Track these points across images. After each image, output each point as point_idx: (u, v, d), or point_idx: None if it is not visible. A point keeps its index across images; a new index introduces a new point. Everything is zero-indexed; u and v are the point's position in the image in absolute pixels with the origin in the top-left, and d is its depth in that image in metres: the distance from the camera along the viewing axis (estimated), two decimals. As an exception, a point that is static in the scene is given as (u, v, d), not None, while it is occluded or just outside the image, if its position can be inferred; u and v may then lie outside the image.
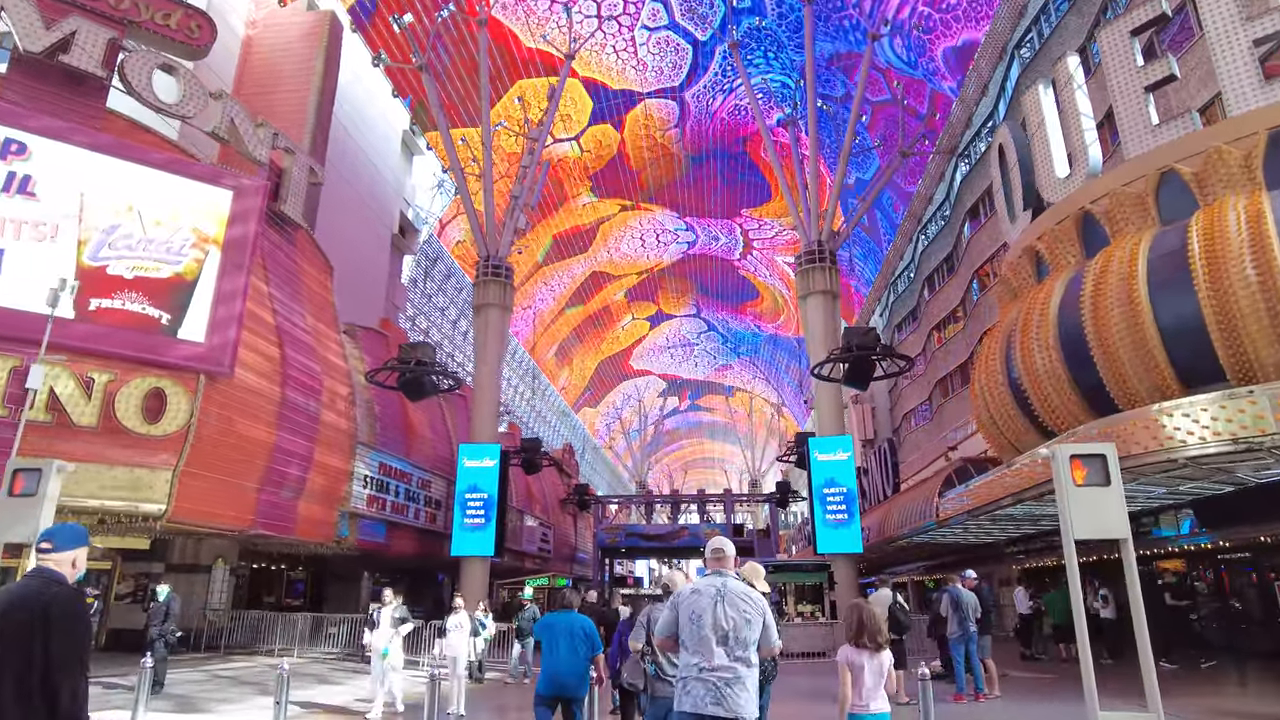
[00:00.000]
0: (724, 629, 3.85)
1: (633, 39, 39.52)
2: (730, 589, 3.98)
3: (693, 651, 3.91)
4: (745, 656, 3.87)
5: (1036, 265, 14.80)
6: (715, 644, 3.84)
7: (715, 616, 3.87)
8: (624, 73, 42.72)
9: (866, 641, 4.60)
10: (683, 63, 41.56)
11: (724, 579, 4.06)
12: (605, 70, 41.69)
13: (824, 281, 25.21)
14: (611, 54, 40.75)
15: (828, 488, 23.44)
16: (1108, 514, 6.32)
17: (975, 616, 10.16)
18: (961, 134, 28.00)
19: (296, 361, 17.74)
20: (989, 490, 14.73)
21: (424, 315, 36.24)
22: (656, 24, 38.87)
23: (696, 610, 3.93)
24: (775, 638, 4.06)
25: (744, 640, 3.87)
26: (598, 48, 39.24)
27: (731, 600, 3.92)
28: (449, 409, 28.99)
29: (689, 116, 45.60)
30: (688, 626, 3.95)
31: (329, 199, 26.02)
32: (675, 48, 40.67)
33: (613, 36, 38.62)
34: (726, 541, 4.33)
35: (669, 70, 42.43)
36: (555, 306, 57.37)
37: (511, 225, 27.60)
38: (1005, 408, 14.57)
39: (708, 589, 4.01)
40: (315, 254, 20.73)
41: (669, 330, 73.23)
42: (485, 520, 23.95)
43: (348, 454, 19.70)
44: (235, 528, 15.61)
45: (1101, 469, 6.42)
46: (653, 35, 39.55)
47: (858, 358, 18.50)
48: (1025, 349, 13.48)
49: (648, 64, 42.00)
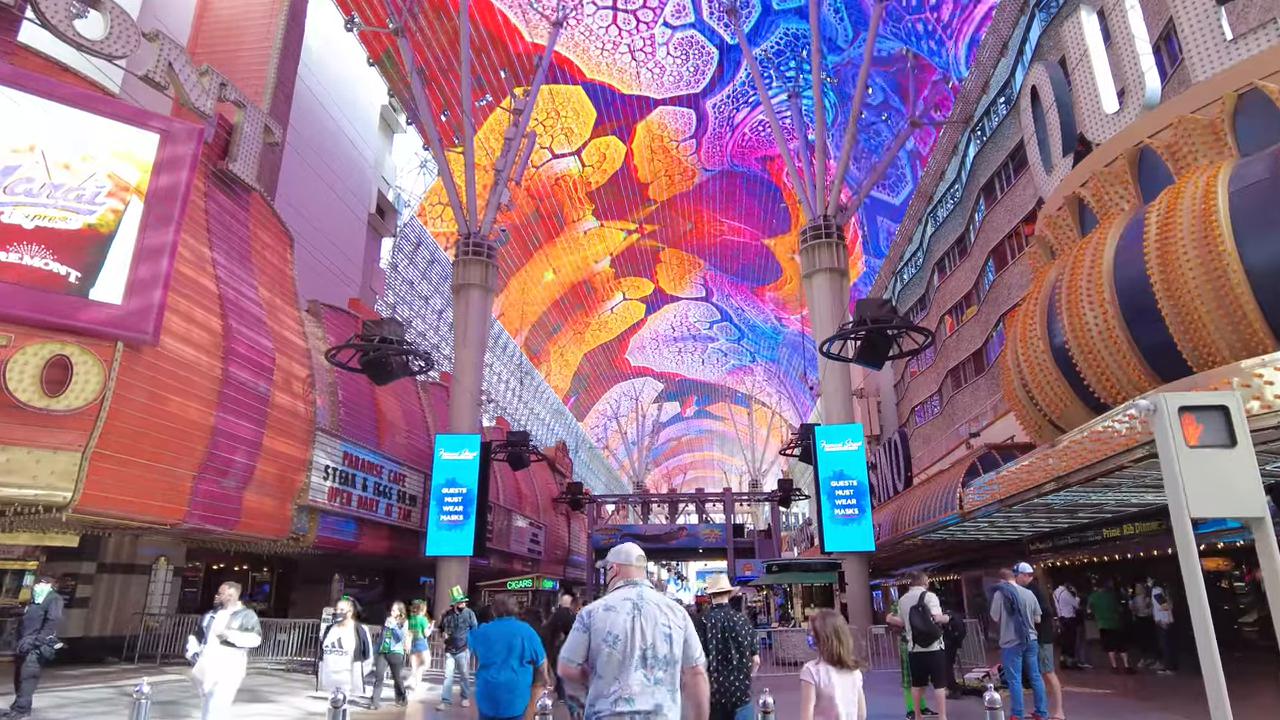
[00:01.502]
0: (642, 647, 3.31)
1: (651, 37, 36.35)
2: (646, 599, 3.44)
3: (609, 680, 3.29)
4: (667, 679, 3.31)
5: (1080, 216, 12.91)
6: (634, 668, 3.27)
7: (633, 635, 3.32)
8: (638, 76, 39.60)
9: (843, 655, 3.98)
10: (706, 67, 38.36)
11: (639, 589, 3.51)
12: (617, 72, 38.60)
13: (830, 258, 23.36)
14: (625, 54, 37.64)
15: (836, 481, 21.59)
16: (1234, 484, 4.38)
17: (1035, 620, 8.25)
18: (977, 101, 26.10)
19: (243, 336, 15.82)
20: (1028, 475, 12.78)
21: (406, 304, 34.32)
22: (681, 21, 35.63)
23: (614, 630, 3.33)
24: (697, 651, 3.43)
25: (665, 659, 3.32)
26: (610, 46, 36.24)
27: (649, 613, 3.39)
28: (428, 399, 27.07)
29: (707, 128, 42.56)
30: (603, 650, 3.32)
31: (296, 170, 24.14)
32: (699, 50, 37.38)
33: (629, 34, 35.62)
34: (634, 548, 3.71)
35: (689, 75, 39.23)
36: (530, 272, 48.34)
37: (495, 201, 25.74)
38: (1047, 379, 12.65)
39: (622, 604, 3.44)
40: (272, 222, 18.82)
41: (672, 316, 63.26)
42: (464, 517, 22.07)
43: (305, 441, 17.77)
44: (165, 520, 13.66)
45: (1222, 426, 4.46)
46: (675, 34, 36.41)
47: (872, 332, 16.56)
48: (1073, 309, 11.57)
49: (666, 67, 38.83)
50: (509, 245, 39.54)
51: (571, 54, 36.62)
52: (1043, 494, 12.65)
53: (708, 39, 36.52)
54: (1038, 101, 14.65)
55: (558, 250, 47.16)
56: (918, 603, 8.20)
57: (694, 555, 51.38)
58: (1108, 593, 14.48)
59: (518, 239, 42.11)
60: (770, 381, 69.63)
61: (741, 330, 64.07)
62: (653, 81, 39.37)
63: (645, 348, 68.19)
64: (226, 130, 17.03)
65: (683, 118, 42.08)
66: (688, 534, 46.23)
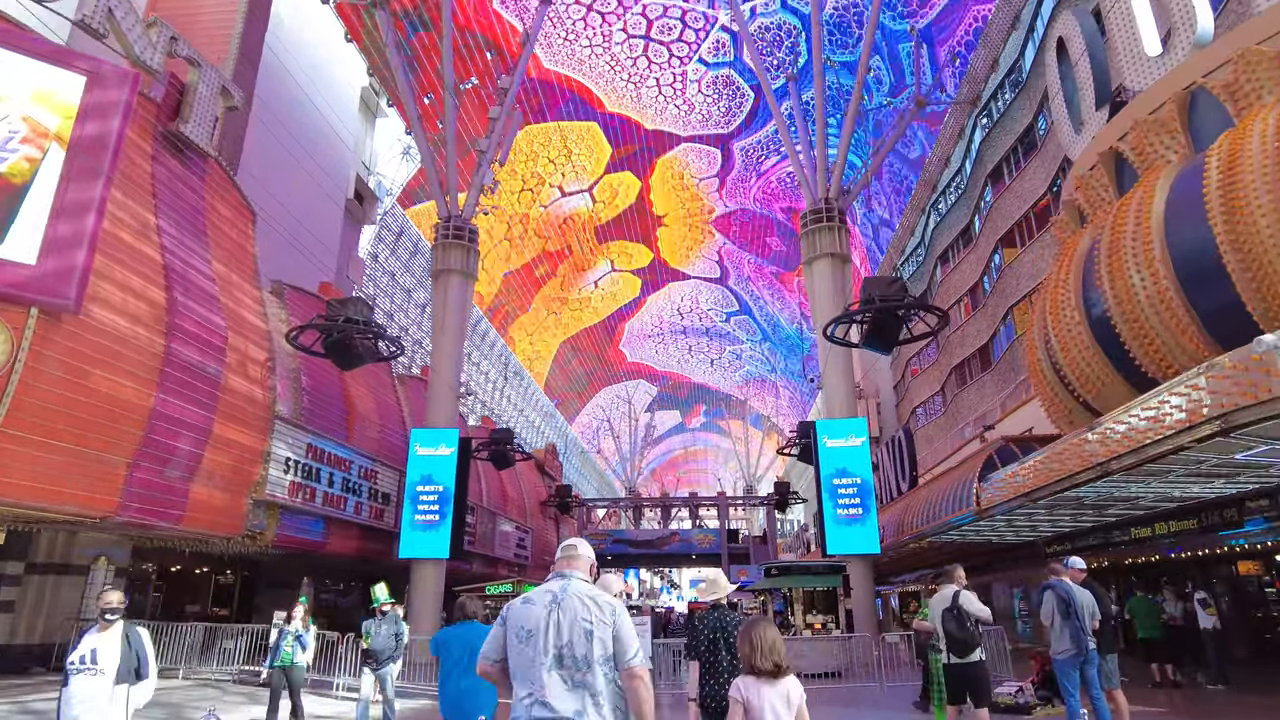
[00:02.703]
0: (558, 645, 2.89)
1: (684, 73, 34.25)
2: (570, 591, 3.01)
3: (522, 680, 2.91)
4: (587, 681, 2.85)
5: (1117, 173, 11.56)
6: (547, 668, 2.86)
7: (548, 629, 2.91)
8: (663, 111, 37.34)
9: (757, 664, 3.46)
10: (739, 109, 36.09)
11: (566, 580, 3.09)
12: (641, 106, 36.53)
13: (832, 243, 21.97)
14: (653, 88, 35.53)
15: (838, 478, 20.13)
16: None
17: (1093, 625, 6.84)
18: (985, 80, 24.85)
19: (191, 311, 14.35)
20: (1060, 464, 11.38)
21: (387, 296, 32.87)
22: (718, 59, 33.54)
23: (527, 624, 2.95)
24: (634, 653, 2.91)
25: (583, 658, 2.87)
26: (637, 79, 34.45)
27: (569, 605, 2.95)
28: (405, 392, 25.60)
29: (731, 168, 40.21)
30: (515, 647, 2.95)
31: (265, 145, 22.73)
32: (734, 91, 35.17)
33: (659, 67, 33.60)
34: (580, 540, 3.32)
35: (719, 116, 36.96)
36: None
37: (478, 182, 24.33)
38: (1082, 355, 11.28)
39: (542, 595, 3.04)
40: (231, 193, 17.37)
41: (679, 299, 52.44)
42: (440, 517, 20.55)
43: (263, 430, 16.28)
44: (92, 513, 12.16)
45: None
46: (710, 72, 34.40)
47: (881, 312, 15.19)
48: (1115, 274, 10.21)
49: (695, 105, 36.55)
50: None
51: (594, 85, 34.89)
52: (1077, 484, 11.26)
53: (745, 80, 34.58)
54: (1064, 55, 13.34)
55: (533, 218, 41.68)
56: (951, 604, 6.77)
57: (687, 561, 49.85)
58: (1148, 600, 13.07)
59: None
60: (794, 407, 60.53)
61: (763, 329, 53.92)
62: (679, 118, 37.39)
63: (644, 339, 58.36)
64: (178, 90, 15.60)
65: (707, 156, 39.99)
66: (681, 539, 44.78)
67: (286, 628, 9.03)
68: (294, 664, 8.96)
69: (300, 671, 9.11)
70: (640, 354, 60.52)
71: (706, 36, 32.34)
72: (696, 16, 31.29)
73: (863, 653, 15.37)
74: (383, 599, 9.17)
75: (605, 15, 31.19)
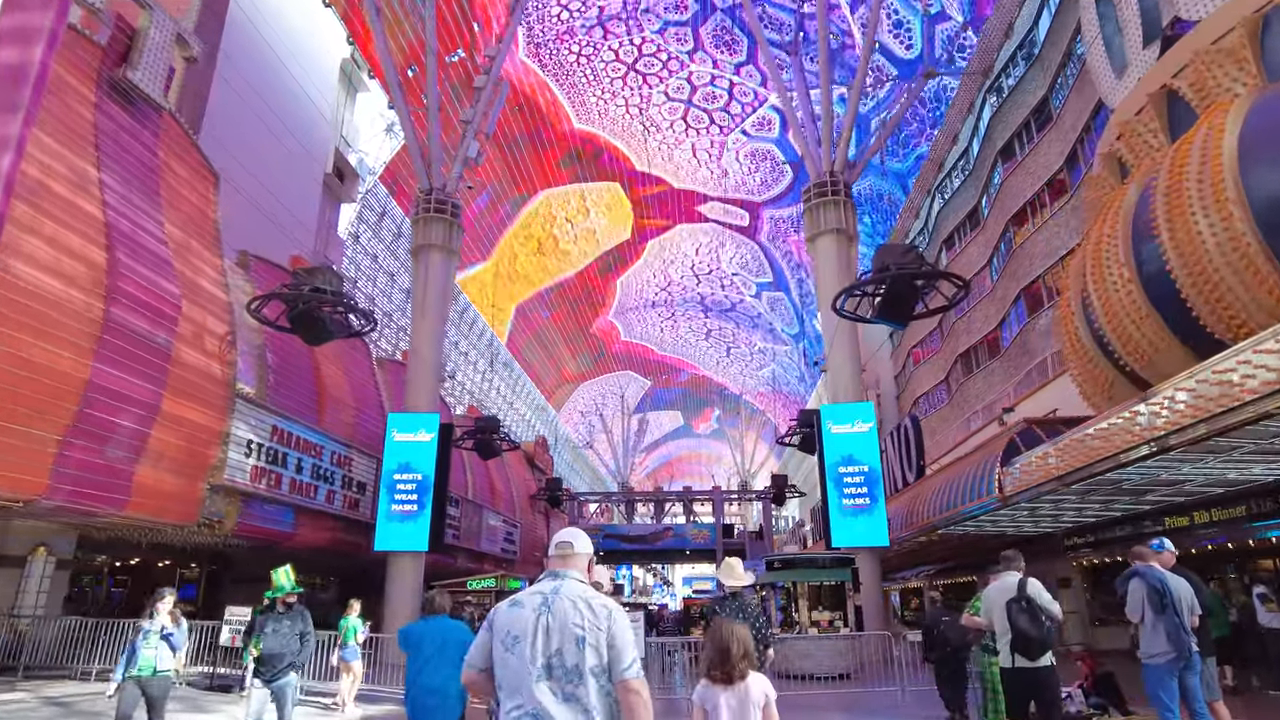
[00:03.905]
0: (547, 653, 2.60)
1: (723, 142, 32.90)
2: (563, 593, 2.69)
3: (509, 691, 2.63)
4: (579, 695, 2.56)
5: (1169, 115, 10.31)
6: (536, 678, 2.57)
7: (536, 636, 2.62)
8: (694, 174, 35.97)
9: (715, 670, 3.29)
10: (775, 183, 34.43)
11: (558, 581, 2.76)
12: (672, 166, 35.10)
13: (837, 218, 20.71)
14: (687, 151, 34.05)
15: (844, 467, 18.92)
16: None
17: (1192, 622, 5.58)
18: (998, 51, 23.62)
19: (136, 275, 12.97)
20: (1104, 442, 10.12)
21: (369, 279, 31.44)
22: (761, 134, 32.20)
23: (514, 630, 2.66)
24: (630, 664, 2.61)
25: (574, 669, 2.58)
26: (672, 142, 33.30)
27: (560, 610, 2.65)
28: (384, 377, 24.23)
29: (759, 229, 38.57)
30: (501, 655, 2.67)
31: (232, 109, 21.31)
32: (773, 165, 33.52)
33: (698, 132, 32.25)
34: (577, 533, 2.95)
35: (754, 184, 35.39)
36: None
37: (462, 154, 22.96)
38: (1131, 317, 10.03)
39: (531, 598, 2.73)
40: (190, 154, 15.98)
41: (691, 248, 41.64)
42: (418, 508, 19.25)
43: (222, 410, 14.90)
44: (16, 496, 10.79)
45: None
46: (750, 143, 33.00)
47: (896, 282, 13.87)
48: (1177, 219, 8.96)
49: (729, 172, 34.95)
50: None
51: (626, 146, 33.50)
52: (1122, 465, 10.02)
53: (786, 156, 33.17)
54: (1104, -7, 12.09)
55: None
56: (1018, 595, 5.49)
57: (681, 557, 48.66)
58: (1215, 594, 11.81)
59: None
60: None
61: (798, 313, 42.95)
62: (711, 181, 35.76)
63: (643, 310, 47.60)
64: (127, 35, 14.18)
65: (733, 214, 38.35)
66: (674, 535, 43.58)
67: (148, 625, 6.89)
68: (156, 673, 6.76)
69: (165, 681, 6.90)
70: (638, 330, 50.48)
71: (753, 112, 31.48)
72: (746, 91, 30.50)
73: (873, 653, 14.13)
74: (286, 588, 7.28)
75: (647, 77, 30.24)
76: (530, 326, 46.05)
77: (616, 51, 29.37)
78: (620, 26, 28.77)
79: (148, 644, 6.77)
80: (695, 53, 29.58)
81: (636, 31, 28.92)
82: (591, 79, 30.17)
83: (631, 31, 28.92)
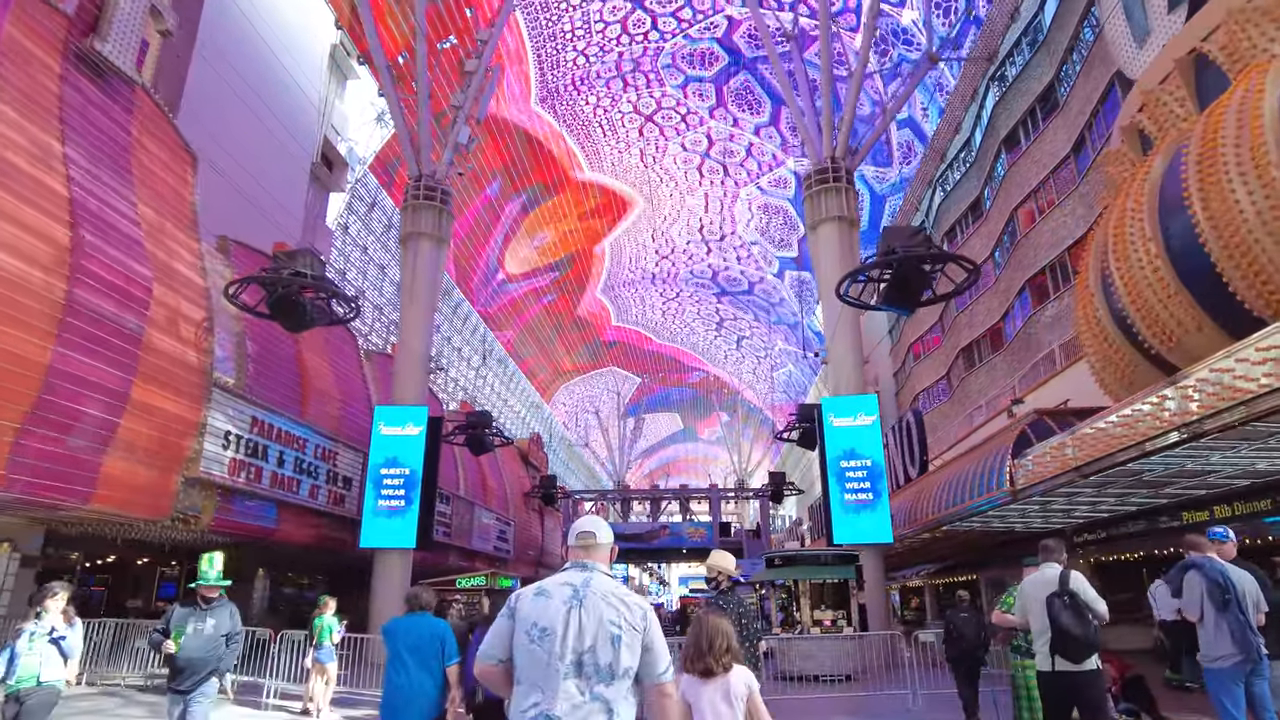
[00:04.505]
0: (578, 650, 2.45)
1: (736, 193, 32.57)
2: (594, 587, 2.57)
3: (528, 686, 2.45)
4: (608, 696, 2.42)
5: (1198, 81, 9.71)
6: (563, 675, 2.41)
7: (568, 630, 2.46)
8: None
9: (694, 663, 3.27)
10: (787, 241, 34.28)
11: (588, 573, 2.65)
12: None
13: (839, 205, 20.12)
14: (699, 199, 33.70)
15: (846, 461, 18.31)
16: None
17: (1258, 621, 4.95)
18: (1003, 36, 23.04)
19: (104, 255, 12.30)
20: (1129, 428, 9.52)
21: (359, 271, 30.74)
22: (776, 191, 31.92)
23: (541, 621, 2.50)
24: (665, 666, 2.55)
25: (607, 668, 2.44)
26: (686, 189, 33.02)
27: (593, 605, 2.52)
28: (372, 370, 23.57)
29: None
30: (525, 647, 2.48)
31: (217, 91, 20.63)
32: (785, 220, 33.37)
33: (712, 182, 31.73)
34: (599, 522, 2.83)
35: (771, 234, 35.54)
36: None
37: (453, 140, 22.32)
38: (1158, 296, 9.41)
39: (560, 589, 2.59)
40: (166, 132, 15.30)
41: (699, 201, 35.08)
42: (406, 503, 18.60)
43: (197, 399, 14.23)
44: (-33, 486, 10.13)
45: None
46: (763, 197, 32.67)
47: (903, 265, 13.25)
48: (1211, 188, 8.35)
49: (738, 219, 35.05)
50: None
51: (634, 190, 32.81)
52: (1149, 454, 9.41)
53: (799, 215, 32.52)
54: (1124, -41, 11.49)
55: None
56: (1061, 588, 4.88)
57: (678, 556, 48.01)
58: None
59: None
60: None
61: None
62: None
63: (640, 286, 41.66)
64: (96, 4, 13.51)
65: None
66: (671, 533, 42.93)
67: (33, 626, 5.68)
68: (41, 683, 5.56)
69: (49, 695, 5.66)
70: (634, 313, 43.57)
71: (770, 171, 31.10)
72: (763, 151, 29.95)
73: (878, 654, 13.50)
74: (211, 578, 6.01)
75: (664, 129, 30.21)
76: (522, 318, 44.98)
77: (635, 104, 28.93)
78: (640, 79, 28.32)
79: (31, 649, 5.60)
80: (717, 109, 29.12)
81: (657, 85, 28.46)
82: (609, 128, 29.79)
83: (652, 85, 28.50)
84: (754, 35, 28.46)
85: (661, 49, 27.22)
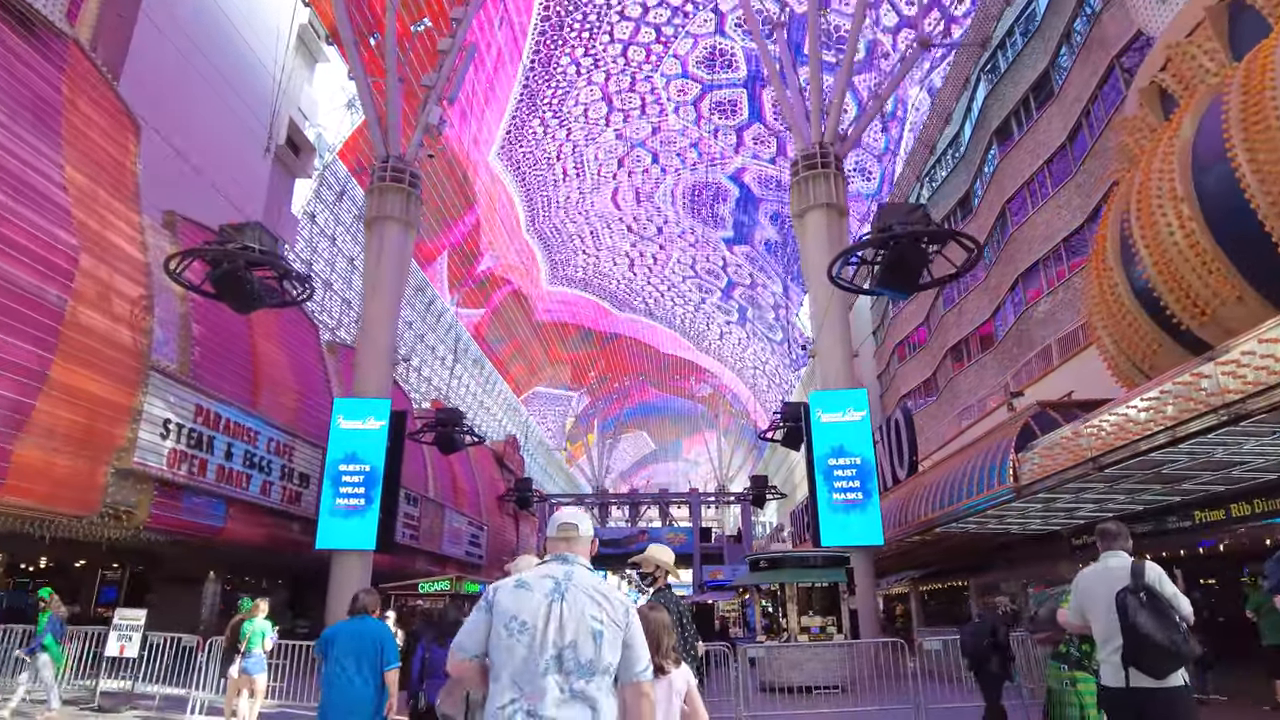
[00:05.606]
0: (559, 645, 2.37)
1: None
2: (577, 581, 2.49)
3: (505, 683, 2.36)
4: (588, 692, 2.35)
5: (1231, 30, 8.84)
6: (544, 670, 2.33)
7: (549, 625, 2.38)
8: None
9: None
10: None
11: (570, 566, 2.56)
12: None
13: (827, 192, 19.21)
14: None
15: (835, 459, 17.36)
16: None
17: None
18: (997, 19, 22.33)
19: (22, 220, 11.07)
20: (1154, 415, 8.57)
21: (326, 262, 29.44)
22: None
23: (521, 614, 2.40)
24: (644, 665, 2.48)
25: (588, 664, 2.36)
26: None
27: (575, 598, 2.43)
28: (335, 363, 22.32)
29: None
30: (503, 641, 2.39)
31: (168, 59, 19.43)
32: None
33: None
34: (580, 514, 2.76)
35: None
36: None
37: (423, 121, 21.19)
38: (1190, 264, 8.49)
39: (541, 581, 2.48)
40: (105, 95, 14.07)
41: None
42: (365, 502, 17.36)
43: (132, 383, 12.96)
44: None
45: None
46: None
47: (900, 245, 12.32)
48: (1257, 139, 7.45)
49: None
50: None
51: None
52: (1179, 439, 8.46)
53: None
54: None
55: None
56: (1134, 583, 3.87)
57: (657, 562, 46.92)
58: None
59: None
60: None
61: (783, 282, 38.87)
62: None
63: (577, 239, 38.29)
64: (23, -54, 12.30)
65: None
66: (650, 538, 41.83)
67: None
68: None
69: None
70: (575, 266, 39.13)
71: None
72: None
73: (870, 662, 12.47)
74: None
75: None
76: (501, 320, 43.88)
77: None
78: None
79: None
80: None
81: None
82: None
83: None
84: (740, 23, 27.63)
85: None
